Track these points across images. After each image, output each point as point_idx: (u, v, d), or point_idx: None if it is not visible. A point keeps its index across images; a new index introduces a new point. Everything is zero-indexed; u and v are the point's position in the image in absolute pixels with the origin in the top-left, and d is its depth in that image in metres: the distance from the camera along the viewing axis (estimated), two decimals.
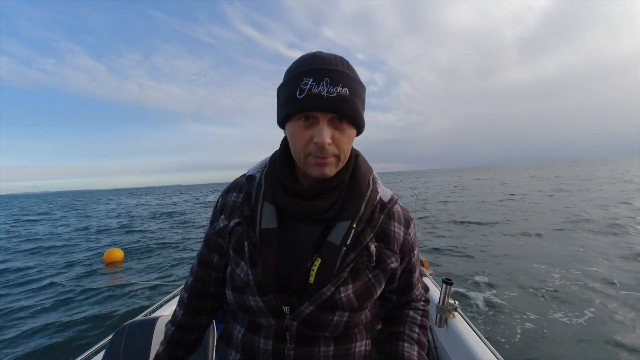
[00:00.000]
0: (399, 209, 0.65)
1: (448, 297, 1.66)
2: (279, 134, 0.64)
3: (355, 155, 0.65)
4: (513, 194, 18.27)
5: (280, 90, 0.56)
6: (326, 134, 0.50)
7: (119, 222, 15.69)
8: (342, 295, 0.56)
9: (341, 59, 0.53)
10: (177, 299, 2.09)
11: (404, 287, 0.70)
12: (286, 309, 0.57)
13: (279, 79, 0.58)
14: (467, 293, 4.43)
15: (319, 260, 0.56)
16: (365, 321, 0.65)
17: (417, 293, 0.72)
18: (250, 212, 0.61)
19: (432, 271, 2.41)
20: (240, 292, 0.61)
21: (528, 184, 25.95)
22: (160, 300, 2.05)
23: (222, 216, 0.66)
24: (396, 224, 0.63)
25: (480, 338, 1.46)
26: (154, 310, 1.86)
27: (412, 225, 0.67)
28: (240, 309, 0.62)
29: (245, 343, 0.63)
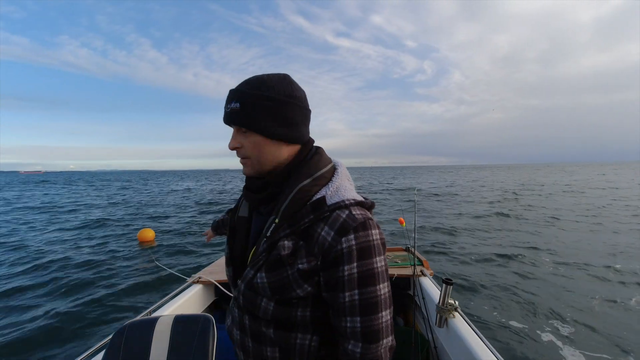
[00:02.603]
0: (342, 215, 0.60)
1: (448, 297, 1.66)
2: (322, 122, 0.55)
3: (299, 157, 0.68)
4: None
5: None
6: (231, 140, 0.66)
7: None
8: (259, 280, 0.63)
9: (251, 80, 0.64)
10: (176, 299, 2.09)
11: (331, 304, 0.62)
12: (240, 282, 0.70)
13: (324, 69, 0.57)
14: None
15: (255, 247, 0.68)
16: (304, 319, 0.64)
17: (348, 326, 0.60)
18: (238, 202, 0.81)
19: (431, 271, 2.41)
20: (225, 262, 0.79)
21: None
22: (160, 300, 2.05)
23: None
24: (326, 228, 0.60)
25: (480, 338, 1.46)
26: (154, 310, 1.86)
27: (356, 237, 0.59)
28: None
29: (231, 310, 0.78)
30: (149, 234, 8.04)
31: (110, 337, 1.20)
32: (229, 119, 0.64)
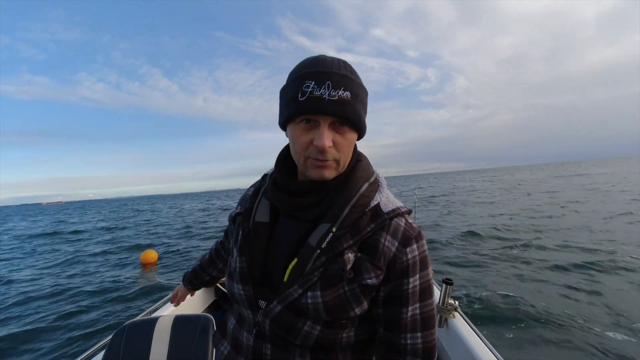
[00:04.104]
0: (401, 223, 0.57)
1: (448, 297, 1.66)
2: None
3: (357, 159, 0.63)
4: None
5: (283, 92, 0.56)
6: (326, 137, 0.50)
7: None
8: (310, 300, 0.53)
9: (344, 62, 0.54)
10: None
11: (388, 320, 0.57)
12: (263, 303, 0.58)
13: None
14: None
15: (296, 259, 0.56)
16: (348, 341, 0.57)
17: (408, 343, 0.55)
18: (250, 205, 0.67)
19: (432, 271, 2.41)
20: (230, 278, 0.63)
21: None
22: (160, 300, 2.05)
23: (239, 206, 0.72)
24: (389, 237, 0.55)
25: (480, 338, 1.46)
26: (154, 310, 1.86)
27: (417, 247, 0.56)
28: (231, 297, 0.65)
29: (234, 335, 0.65)
30: (151, 255, 7.89)
31: (110, 337, 1.20)
32: (337, 109, 0.49)
